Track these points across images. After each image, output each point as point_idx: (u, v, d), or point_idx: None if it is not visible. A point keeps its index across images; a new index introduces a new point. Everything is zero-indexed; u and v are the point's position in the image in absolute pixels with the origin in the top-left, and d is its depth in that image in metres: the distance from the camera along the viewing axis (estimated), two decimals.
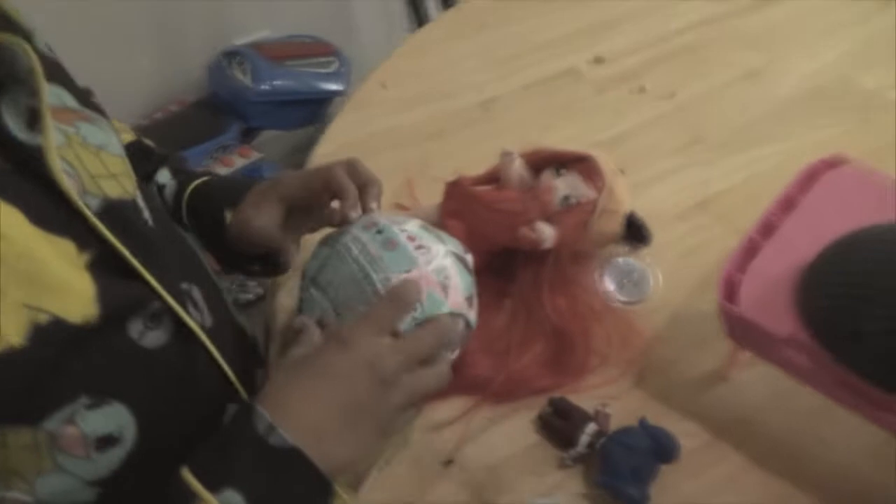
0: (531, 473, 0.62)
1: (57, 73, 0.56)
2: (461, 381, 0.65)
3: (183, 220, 0.71)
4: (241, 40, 1.98)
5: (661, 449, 0.59)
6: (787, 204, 0.62)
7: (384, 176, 0.64)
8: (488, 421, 0.66)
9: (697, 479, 0.61)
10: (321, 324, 0.56)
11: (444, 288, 0.56)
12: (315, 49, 2.00)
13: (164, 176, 0.73)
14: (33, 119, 0.49)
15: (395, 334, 0.54)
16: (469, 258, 0.61)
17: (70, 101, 0.56)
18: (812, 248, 0.57)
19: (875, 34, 1.04)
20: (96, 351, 0.49)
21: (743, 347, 0.60)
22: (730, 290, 0.57)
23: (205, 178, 0.72)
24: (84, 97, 0.58)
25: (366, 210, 0.61)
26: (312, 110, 1.95)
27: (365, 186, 0.62)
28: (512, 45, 1.04)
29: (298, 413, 0.50)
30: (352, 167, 0.63)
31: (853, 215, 0.58)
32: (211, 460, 0.48)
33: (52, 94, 0.53)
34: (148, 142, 0.76)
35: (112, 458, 0.51)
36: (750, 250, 0.59)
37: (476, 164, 0.77)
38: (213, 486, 0.46)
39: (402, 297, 0.55)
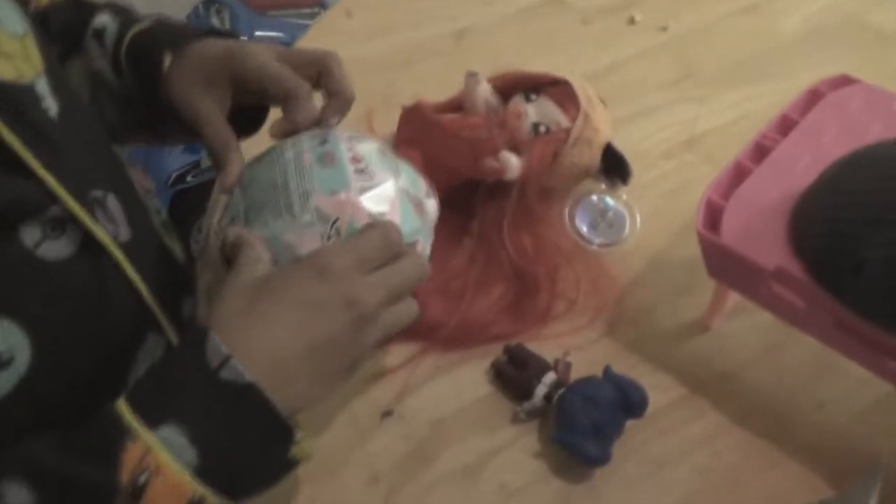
0: (480, 427, 0.56)
1: None
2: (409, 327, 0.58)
3: (121, 66, 0.59)
4: None
5: (627, 401, 0.52)
6: (784, 126, 0.54)
7: None
8: (435, 369, 0.59)
9: (668, 437, 0.55)
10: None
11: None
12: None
13: (102, 20, 0.61)
14: None
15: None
16: (430, 203, 0.53)
17: None
18: (810, 174, 0.49)
19: None
20: None
21: (725, 285, 0.52)
22: (711, 219, 0.49)
23: (151, 21, 0.60)
24: None
25: (324, 124, 0.53)
26: None
27: (334, 96, 0.54)
28: None
29: (260, 345, 0.42)
30: (327, 70, 0.54)
31: (858, 137, 0.50)
32: (151, 392, 0.41)
33: None
34: None
35: (1, 383, 0.43)
36: (737, 176, 0.51)
37: (444, 96, 0.69)
38: (151, 422, 0.39)
39: (391, 234, 0.47)
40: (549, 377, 0.55)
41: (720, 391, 0.57)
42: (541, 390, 0.55)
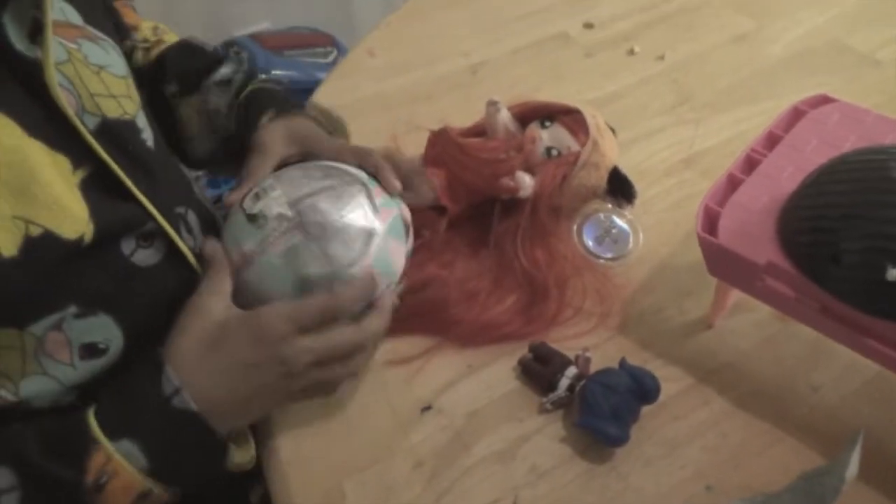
0: (511, 418, 0.61)
1: None
2: (429, 323, 0.66)
3: (234, 109, 0.72)
4: (241, 32, 2.00)
5: (641, 388, 0.58)
6: (771, 141, 0.61)
7: (370, 137, 0.65)
8: (468, 368, 0.65)
9: (679, 421, 0.60)
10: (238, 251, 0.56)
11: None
12: (314, 40, 2.01)
13: (226, 72, 0.74)
14: (35, 31, 0.49)
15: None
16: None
17: (75, 17, 0.56)
18: (794, 181, 0.56)
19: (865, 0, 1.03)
20: (89, 265, 0.51)
21: (724, 281, 0.59)
22: (709, 223, 0.56)
23: (267, 81, 0.73)
24: (92, 15, 0.58)
25: None
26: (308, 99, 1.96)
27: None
28: (501, 13, 1.04)
29: (203, 386, 0.51)
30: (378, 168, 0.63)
31: (836, 148, 0.57)
32: (115, 411, 0.50)
33: (55, 10, 0.53)
34: (198, 42, 0.77)
35: (95, 367, 0.53)
36: (731, 185, 0.58)
37: (463, 124, 0.76)
38: (113, 436, 0.49)
39: (341, 307, 0.55)
40: (571, 370, 0.61)
41: (724, 379, 0.62)
42: (564, 383, 0.61)
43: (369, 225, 0.58)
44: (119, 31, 0.70)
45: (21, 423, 0.50)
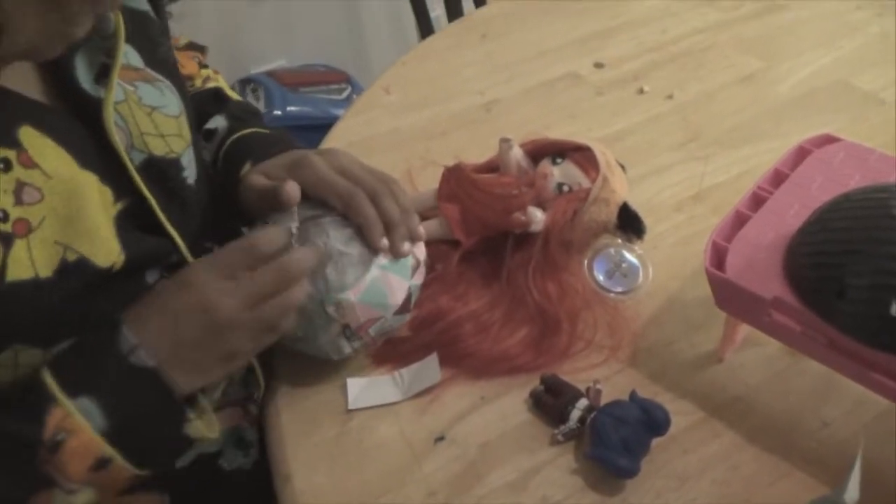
0: (523, 449, 0.62)
1: (136, 31, 0.60)
2: (442, 354, 0.67)
3: (217, 164, 0.71)
4: (258, 69, 2.04)
5: (652, 421, 0.59)
6: (777, 178, 0.62)
7: (385, 170, 0.66)
8: (480, 399, 0.66)
9: (690, 454, 0.61)
10: None
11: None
12: (328, 77, 2.05)
13: (215, 122, 0.74)
14: (102, 74, 0.53)
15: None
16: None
17: (135, 59, 0.60)
18: (799, 218, 0.57)
19: (869, 41, 1.05)
20: (114, 292, 0.53)
21: (732, 315, 0.60)
22: (717, 258, 0.57)
23: (251, 130, 0.72)
24: (153, 58, 0.61)
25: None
26: (325, 135, 1.99)
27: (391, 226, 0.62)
28: (513, 53, 1.07)
29: (150, 343, 0.52)
30: (382, 200, 0.62)
31: (840, 187, 0.58)
32: (73, 368, 0.50)
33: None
34: (229, 92, 0.79)
35: None
36: (737, 222, 0.60)
37: (477, 160, 0.78)
38: (71, 393, 0.49)
39: (258, 248, 0.55)
40: (582, 402, 0.62)
41: (734, 413, 0.63)
42: (575, 414, 0.62)
43: (366, 258, 0.61)
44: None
45: None
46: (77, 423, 0.48)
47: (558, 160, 0.74)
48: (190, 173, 0.61)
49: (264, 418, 0.66)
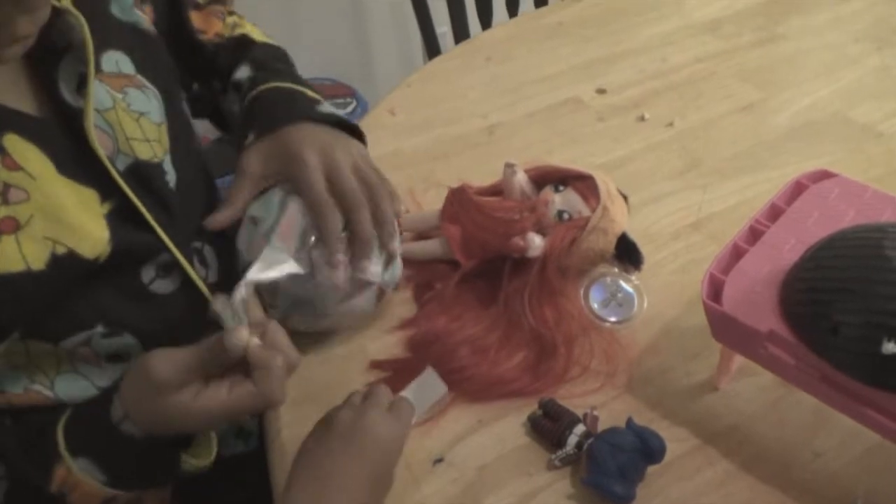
0: (520, 473, 0.63)
1: (123, 39, 0.63)
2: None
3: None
4: None
5: (648, 448, 0.60)
6: (773, 213, 0.64)
7: None
8: (478, 423, 0.67)
9: (685, 482, 0.62)
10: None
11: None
12: (334, 91, 2.08)
13: (242, 72, 0.76)
14: (81, 84, 0.57)
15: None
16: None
17: (127, 67, 0.63)
18: (795, 253, 0.58)
19: (868, 74, 1.07)
20: (111, 287, 0.58)
21: (727, 346, 0.61)
22: (713, 290, 0.59)
23: (270, 86, 0.72)
24: (145, 64, 0.64)
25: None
26: None
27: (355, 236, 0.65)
28: (517, 77, 1.09)
29: (135, 415, 0.55)
30: (356, 214, 0.65)
31: (836, 222, 0.60)
32: (77, 430, 0.55)
33: (109, 61, 0.61)
34: (255, 35, 0.81)
35: (118, 370, 0.61)
36: (734, 255, 0.61)
37: (479, 182, 0.80)
38: (73, 453, 0.54)
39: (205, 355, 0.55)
40: (580, 428, 0.63)
41: (729, 442, 0.64)
42: (572, 440, 0.63)
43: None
44: (194, 52, 0.76)
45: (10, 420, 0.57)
46: (79, 480, 0.54)
47: (560, 187, 0.76)
48: (171, 178, 0.64)
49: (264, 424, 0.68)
